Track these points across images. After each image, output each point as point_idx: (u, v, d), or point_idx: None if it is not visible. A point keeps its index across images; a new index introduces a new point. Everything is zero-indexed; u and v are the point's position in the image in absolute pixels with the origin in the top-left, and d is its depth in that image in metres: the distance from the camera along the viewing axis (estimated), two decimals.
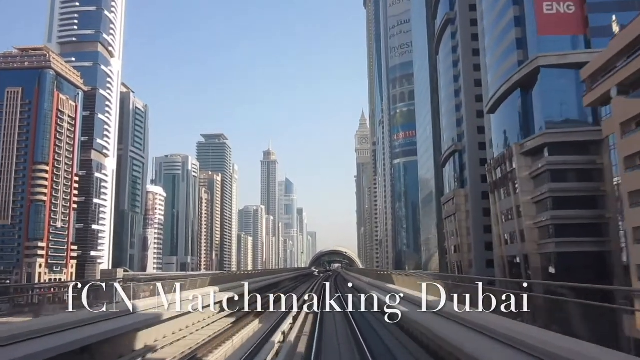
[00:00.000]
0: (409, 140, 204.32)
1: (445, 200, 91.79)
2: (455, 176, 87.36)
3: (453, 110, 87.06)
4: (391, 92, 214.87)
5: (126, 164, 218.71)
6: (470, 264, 79.92)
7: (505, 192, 58.59)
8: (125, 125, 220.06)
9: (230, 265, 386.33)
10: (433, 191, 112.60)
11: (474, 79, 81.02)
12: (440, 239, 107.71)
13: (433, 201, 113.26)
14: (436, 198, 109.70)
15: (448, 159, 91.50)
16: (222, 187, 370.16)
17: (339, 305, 37.34)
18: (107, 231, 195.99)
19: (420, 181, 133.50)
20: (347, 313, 33.27)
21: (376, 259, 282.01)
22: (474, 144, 79.51)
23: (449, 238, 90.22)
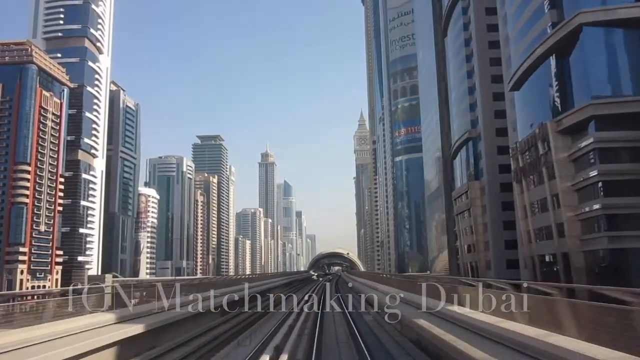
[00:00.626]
0: (411, 137, 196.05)
1: (456, 194, 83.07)
2: (469, 167, 78.63)
3: (465, 94, 78.33)
4: (392, 86, 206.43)
5: (116, 164, 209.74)
6: (487, 264, 71.23)
7: (535, 180, 49.91)
8: (115, 124, 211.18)
9: (228, 269, 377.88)
10: (441, 186, 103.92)
11: (489, 58, 72.44)
12: (450, 237, 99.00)
13: (441, 197, 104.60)
14: (445, 193, 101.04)
15: (459, 149, 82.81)
16: (218, 189, 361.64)
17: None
18: (96, 235, 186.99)
19: (426, 177, 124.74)
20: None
21: (377, 261, 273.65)
22: (491, 130, 70.82)
23: (462, 236, 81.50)
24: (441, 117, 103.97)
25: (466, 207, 76.62)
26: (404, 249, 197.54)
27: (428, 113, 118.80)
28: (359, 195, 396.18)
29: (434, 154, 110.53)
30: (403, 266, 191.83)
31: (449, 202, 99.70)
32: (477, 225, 72.89)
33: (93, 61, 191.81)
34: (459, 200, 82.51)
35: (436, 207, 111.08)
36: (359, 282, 67.62)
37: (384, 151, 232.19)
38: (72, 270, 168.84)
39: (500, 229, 68.10)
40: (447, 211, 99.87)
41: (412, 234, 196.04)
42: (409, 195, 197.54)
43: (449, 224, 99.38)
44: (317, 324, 28.30)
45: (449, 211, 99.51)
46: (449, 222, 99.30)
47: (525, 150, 51.18)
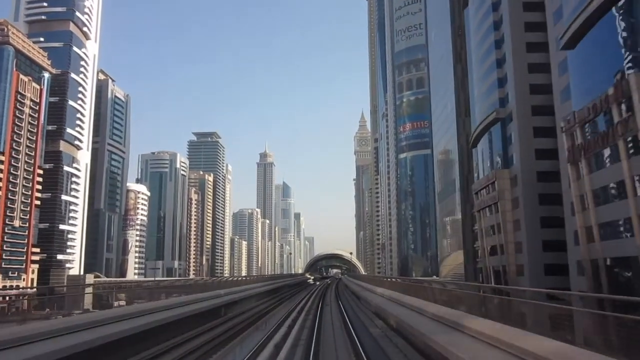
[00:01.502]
0: (417, 132, 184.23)
1: (478, 187, 70.80)
2: (494, 155, 66.50)
3: (492, 69, 66.14)
4: (397, 79, 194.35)
5: (103, 158, 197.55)
6: (518, 269, 59.08)
7: (603, 159, 37.80)
8: (102, 115, 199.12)
9: (223, 270, 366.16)
10: (455, 180, 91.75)
11: (523, 22, 60.47)
12: (467, 238, 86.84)
13: (455, 193, 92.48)
14: (461, 188, 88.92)
15: (482, 134, 70.61)
16: (214, 187, 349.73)
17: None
18: (78, 232, 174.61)
19: (437, 172, 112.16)
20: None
21: (377, 264, 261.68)
22: (526, 107, 58.72)
23: (483, 236, 69.32)
24: (457, 102, 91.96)
25: (491, 202, 64.43)
26: (408, 252, 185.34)
27: (440, 101, 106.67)
28: (359, 197, 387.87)
29: (447, 145, 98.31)
30: (406, 270, 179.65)
31: (466, 197, 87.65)
32: (506, 223, 60.68)
33: (79, 47, 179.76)
34: (480, 194, 70.27)
35: (449, 204, 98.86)
36: (374, 291, 42.57)
37: (387, 149, 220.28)
38: (50, 269, 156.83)
39: (536, 226, 56.05)
40: (464, 208, 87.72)
41: (417, 236, 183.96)
42: (413, 195, 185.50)
43: (466, 222, 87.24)
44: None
45: (466, 208, 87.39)
46: (466, 220, 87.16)
47: (588, 120, 39.03)
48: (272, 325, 29.92)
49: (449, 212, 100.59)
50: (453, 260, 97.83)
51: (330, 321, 33.46)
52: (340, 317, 35.54)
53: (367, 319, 35.38)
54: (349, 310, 40.78)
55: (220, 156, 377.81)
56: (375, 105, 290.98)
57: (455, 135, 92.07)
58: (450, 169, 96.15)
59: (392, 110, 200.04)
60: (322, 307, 42.25)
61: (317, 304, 47.44)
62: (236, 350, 22.97)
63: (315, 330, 26.58)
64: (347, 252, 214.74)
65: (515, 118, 59.24)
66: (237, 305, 39.31)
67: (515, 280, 58.65)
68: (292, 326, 28.10)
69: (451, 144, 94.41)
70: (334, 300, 55.07)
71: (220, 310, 34.75)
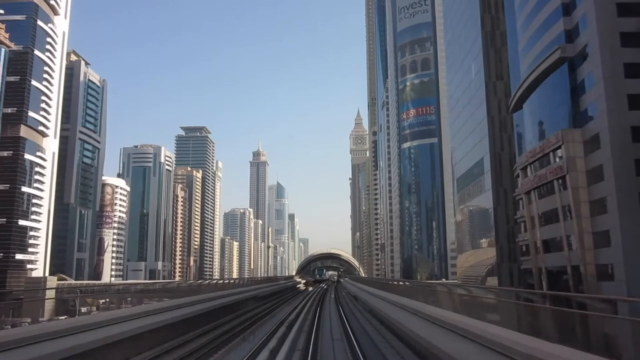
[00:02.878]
0: (422, 119, 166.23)
1: (526, 161, 52.33)
2: (557, 111, 48.03)
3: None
4: (399, 61, 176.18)
5: (74, 147, 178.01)
6: (600, 271, 40.68)
7: None
8: (73, 100, 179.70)
9: (212, 272, 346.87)
10: (484, 158, 73.19)
11: None
12: (500, 231, 68.43)
13: (483, 174, 74.02)
14: (492, 168, 70.42)
15: (532, 89, 52.23)
16: (203, 184, 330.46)
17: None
18: (43, 229, 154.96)
19: (454, 153, 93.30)
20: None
21: (376, 266, 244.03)
22: (612, 35, 40.39)
23: (536, 227, 50.88)
24: (486, 63, 73.55)
25: (552, 176, 45.96)
26: (412, 252, 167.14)
27: (459, 68, 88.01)
28: (355, 196, 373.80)
29: (472, 119, 79.65)
30: (410, 273, 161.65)
31: (498, 180, 69.27)
32: (579, 205, 42.31)
33: (45, 22, 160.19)
34: (529, 170, 51.92)
35: (472, 192, 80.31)
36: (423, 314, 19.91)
37: (387, 140, 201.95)
38: (7, 270, 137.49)
39: (635, 206, 37.68)
40: (496, 193, 69.23)
41: (422, 234, 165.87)
42: (418, 189, 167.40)
43: (499, 211, 68.79)
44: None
45: (498, 193, 68.96)
46: (499, 209, 68.72)
47: None
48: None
49: (470, 201, 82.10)
50: (475, 259, 79.55)
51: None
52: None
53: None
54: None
55: (210, 152, 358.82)
56: (374, 98, 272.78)
57: (482, 105, 73.60)
58: (475, 148, 77.51)
59: (393, 96, 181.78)
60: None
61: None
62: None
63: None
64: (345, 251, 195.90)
65: (597, 50, 40.77)
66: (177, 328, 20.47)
67: (596, 286, 40.22)
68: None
69: (477, 116, 75.83)
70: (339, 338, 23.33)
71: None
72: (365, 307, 34.00)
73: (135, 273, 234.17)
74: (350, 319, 29.49)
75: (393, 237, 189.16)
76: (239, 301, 28.59)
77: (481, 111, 74.01)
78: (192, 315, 22.22)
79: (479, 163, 75.26)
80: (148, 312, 20.10)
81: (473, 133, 77.33)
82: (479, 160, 74.87)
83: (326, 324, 27.71)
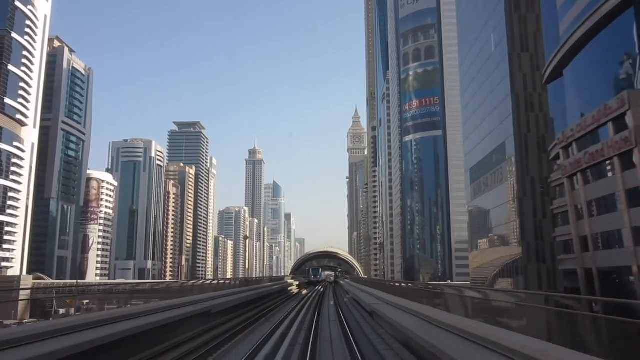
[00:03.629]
0: (426, 110, 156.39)
1: (571, 136, 42.36)
2: (619, 71, 38.16)
3: None
4: (402, 50, 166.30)
5: (56, 138, 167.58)
6: None
7: None
8: (56, 88, 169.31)
9: (205, 272, 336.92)
10: (506, 142, 63.18)
11: None
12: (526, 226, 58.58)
13: (504, 161, 64.11)
14: (518, 152, 60.51)
15: (579, 48, 42.35)
16: (196, 181, 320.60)
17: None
18: (20, 224, 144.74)
19: (466, 142, 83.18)
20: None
21: (374, 266, 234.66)
22: None
23: (584, 218, 40.96)
24: (509, 33, 63.48)
25: (613, 152, 36.10)
26: (414, 252, 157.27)
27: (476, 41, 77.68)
28: (352, 195, 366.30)
29: (490, 99, 69.56)
30: (412, 274, 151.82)
31: (524, 166, 59.45)
32: None
33: (24, 3, 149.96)
34: (572, 149, 42.11)
35: (489, 182, 70.37)
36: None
37: (388, 134, 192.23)
38: None
39: None
40: (522, 181, 59.34)
41: (425, 233, 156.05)
42: (421, 185, 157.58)
43: (525, 203, 58.93)
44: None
45: (524, 182, 59.14)
46: (526, 199, 58.89)
47: None
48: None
49: (487, 193, 72.19)
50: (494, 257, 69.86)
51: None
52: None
53: None
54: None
55: (204, 148, 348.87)
56: (373, 92, 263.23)
57: (505, 81, 63.56)
58: (494, 132, 67.45)
59: (395, 86, 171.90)
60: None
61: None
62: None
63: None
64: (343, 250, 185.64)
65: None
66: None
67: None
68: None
69: (497, 94, 65.80)
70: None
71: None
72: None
73: (124, 272, 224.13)
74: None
75: (393, 237, 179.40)
76: (170, 323, 17.13)
77: (503, 88, 64.00)
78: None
79: (499, 149, 65.33)
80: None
81: (492, 115, 67.35)
82: (499, 145, 64.87)
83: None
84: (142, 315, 16.74)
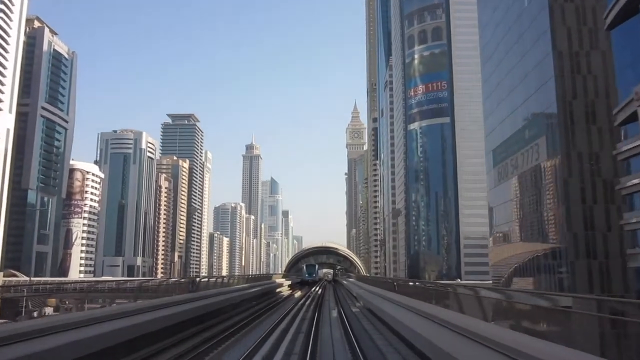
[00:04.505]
0: (433, 96, 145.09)
1: None
2: None
3: None
4: (406, 31, 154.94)
5: (34, 125, 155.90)
6: None
7: None
8: (35, 72, 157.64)
9: (200, 269, 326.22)
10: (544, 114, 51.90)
11: None
12: (573, 214, 47.44)
13: (542, 135, 52.87)
14: (562, 123, 49.21)
15: None
16: (189, 175, 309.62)
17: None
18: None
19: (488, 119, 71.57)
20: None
21: (375, 264, 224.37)
22: None
23: None
24: None
25: None
26: (419, 249, 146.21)
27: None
28: (351, 191, 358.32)
29: (521, 62, 58.16)
30: (417, 272, 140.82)
31: (571, 139, 48.27)
32: None
33: None
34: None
35: (520, 161, 59.01)
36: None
37: (391, 123, 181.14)
38: None
39: None
40: (567, 158, 48.12)
41: (430, 227, 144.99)
42: (426, 176, 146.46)
43: (571, 184, 47.74)
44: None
45: (571, 158, 47.96)
46: (572, 180, 47.71)
47: None
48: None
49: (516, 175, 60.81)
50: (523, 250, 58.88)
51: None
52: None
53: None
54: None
55: (198, 141, 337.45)
56: (374, 83, 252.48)
57: (543, 39, 52.12)
58: (528, 101, 56.04)
59: (399, 71, 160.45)
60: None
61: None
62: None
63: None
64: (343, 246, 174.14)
65: None
66: None
67: None
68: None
69: (533, 56, 54.36)
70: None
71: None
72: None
73: (112, 269, 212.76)
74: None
75: (397, 232, 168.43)
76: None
77: (541, 48, 52.61)
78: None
79: (534, 121, 54.08)
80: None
81: (524, 82, 55.99)
82: (534, 117, 53.61)
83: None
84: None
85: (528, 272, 57.86)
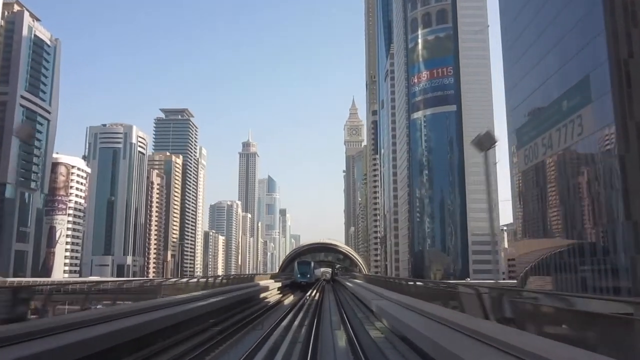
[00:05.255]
0: (437, 82, 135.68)
1: None
2: None
3: None
4: (409, 15, 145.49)
5: (13, 114, 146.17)
6: None
7: None
8: (14, 59, 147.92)
9: (194, 268, 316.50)
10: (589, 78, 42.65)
11: None
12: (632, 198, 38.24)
13: (587, 105, 43.63)
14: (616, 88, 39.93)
15: None
16: (183, 172, 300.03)
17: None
18: None
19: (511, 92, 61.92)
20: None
21: (375, 262, 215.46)
22: None
23: None
24: None
25: None
26: (423, 246, 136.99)
27: None
28: (349, 189, 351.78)
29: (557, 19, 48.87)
30: (421, 270, 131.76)
31: (627, 106, 38.96)
32: None
33: None
34: None
35: (555, 139, 49.68)
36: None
37: (392, 114, 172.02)
38: None
39: None
40: (623, 129, 38.87)
41: (435, 224, 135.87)
42: (431, 169, 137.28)
43: (629, 161, 38.47)
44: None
45: (628, 130, 38.65)
46: (630, 156, 38.46)
47: None
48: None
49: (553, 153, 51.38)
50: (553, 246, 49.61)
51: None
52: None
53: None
54: None
55: (192, 137, 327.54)
56: (373, 75, 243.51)
57: None
58: (568, 64, 46.70)
59: (401, 57, 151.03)
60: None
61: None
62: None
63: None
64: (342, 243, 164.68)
65: None
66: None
67: None
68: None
69: (573, 9, 45.12)
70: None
71: None
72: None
73: (101, 269, 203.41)
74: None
75: (399, 229, 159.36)
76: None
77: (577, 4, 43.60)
78: None
79: (576, 88, 44.82)
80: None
81: (563, 42, 46.62)
82: (579, 82, 44.30)
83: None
84: None
85: (545, 271, 48.98)
